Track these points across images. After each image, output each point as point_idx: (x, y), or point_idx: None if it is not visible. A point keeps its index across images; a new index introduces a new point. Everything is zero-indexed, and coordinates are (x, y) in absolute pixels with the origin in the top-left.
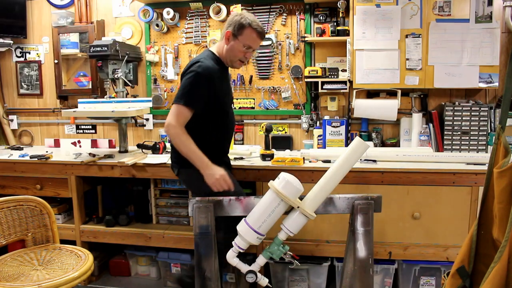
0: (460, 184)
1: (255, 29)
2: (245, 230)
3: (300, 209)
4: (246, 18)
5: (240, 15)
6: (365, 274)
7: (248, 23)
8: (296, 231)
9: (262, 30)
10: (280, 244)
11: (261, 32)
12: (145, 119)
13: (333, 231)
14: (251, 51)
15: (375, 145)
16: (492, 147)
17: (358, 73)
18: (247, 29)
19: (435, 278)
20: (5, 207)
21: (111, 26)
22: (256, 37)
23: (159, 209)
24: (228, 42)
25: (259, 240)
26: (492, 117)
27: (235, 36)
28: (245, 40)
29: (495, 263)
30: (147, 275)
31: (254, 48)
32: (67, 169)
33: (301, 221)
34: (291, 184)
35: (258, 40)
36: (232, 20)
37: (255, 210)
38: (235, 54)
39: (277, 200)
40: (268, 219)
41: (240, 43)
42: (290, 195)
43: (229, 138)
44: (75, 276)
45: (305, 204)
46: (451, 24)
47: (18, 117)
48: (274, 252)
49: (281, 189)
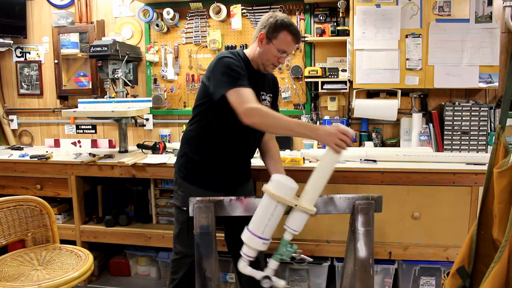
0: (460, 184)
1: (290, 32)
2: (249, 238)
3: (298, 207)
4: (282, 20)
5: (275, 17)
6: (365, 274)
7: (284, 25)
8: (299, 228)
9: (298, 33)
10: (287, 245)
11: (297, 35)
12: (145, 119)
13: (333, 231)
14: (285, 56)
15: (375, 145)
16: (492, 147)
17: (358, 73)
18: (282, 32)
19: (435, 278)
20: (5, 207)
21: (111, 26)
22: (291, 41)
23: (159, 209)
24: (262, 45)
25: (265, 245)
26: (492, 117)
27: (269, 39)
28: (279, 44)
29: (495, 263)
30: (147, 275)
31: (288, 52)
32: (67, 169)
33: (302, 218)
34: (282, 183)
35: (293, 44)
36: (267, 22)
37: (254, 216)
38: (269, 58)
39: (274, 203)
40: (270, 222)
41: (274, 47)
42: (285, 195)
43: (237, 154)
44: (75, 276)
45: (302, 201)
46: (451, 24)
47: (18, 117)
48: (283, 253)
49: (274, 191)
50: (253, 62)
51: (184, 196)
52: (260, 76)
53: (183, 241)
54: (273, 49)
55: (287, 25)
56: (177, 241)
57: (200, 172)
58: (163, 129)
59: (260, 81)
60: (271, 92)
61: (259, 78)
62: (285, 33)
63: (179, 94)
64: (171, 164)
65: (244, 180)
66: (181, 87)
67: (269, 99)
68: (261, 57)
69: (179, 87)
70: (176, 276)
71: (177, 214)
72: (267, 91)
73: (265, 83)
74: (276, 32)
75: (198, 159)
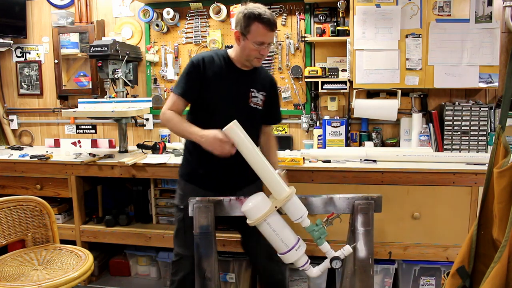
0: (460, 184)
1: (261, 22)
2: (287, 258)
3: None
4: (251, 12)
5: (243, 11)
6: (365, 274)
7: (252, 17)
8: (301, 212)
9: (269, 21)
10: (312, 227)
11: (268, 23)
12: (145, 119)
13: (333, 231)
14: (264, 47)
15: (375, 145)
16: (492, 147)
17: (358, 73)
18: (253, 25)
19: (435, 278)
20: (5, 207)
21: (111, 26)
22: (265, 31)
23: (159, 209)
24: (240, 43)
25: (301, 249)
26: (492, 117)
27: (243, 35)
28: (254, 38)
29: (495, 263)
30: (147, 275)
31: (266, 42)
32: (67, 169)
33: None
34: (251, 208)
35: (268, 33)
36: (238, 19)
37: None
38: (249, 53)
39: (264, 224)
40: (280, 236)
41: (250, 42)
42: (261, 212)
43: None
44: (75, 276)
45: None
46: (451, 24)
47: (18, 117)
48: (317, 235)
49: (254, 218)
50: (237, 60)
51: (181, 194)
52: (248, 74)
53: (180, 241)
54: (250, 44)
55: (256, 16)
56: (175, 241)
57: (194, 170)
58: (163, 129)
59: (248, 79)
60: (265, 91)
61: (245, 76)
62: (256, 24)
63: None
64: (171, 164)
65: (247, 182)
66: None
67: (262, 97)
68: (243, 54)
69: None
70: (175, 278)
71: (175, 213)
72: (260, 89)
73: (257, 81)
74: (248, 27)
75: (192, 157)
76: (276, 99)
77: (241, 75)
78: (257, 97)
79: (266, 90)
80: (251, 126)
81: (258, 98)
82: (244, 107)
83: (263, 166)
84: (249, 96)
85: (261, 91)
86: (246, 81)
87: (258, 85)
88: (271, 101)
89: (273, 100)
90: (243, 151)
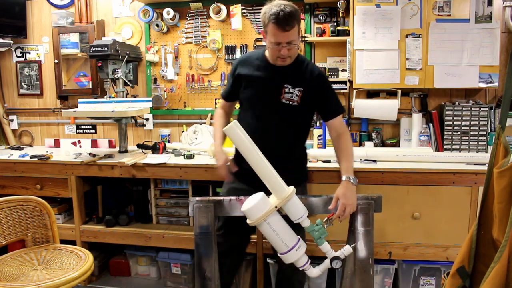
0: (460, 184)
1: (275, 23)
2: (287, 258)
3: (278, 207)
4: (268, 13)
5: (264, 10)
6: (365, 274)
7: (269, 18)
8: (301, 212)
9: (281, 22)
10: (312, 227)
11: (280, 24)
12: (145, 119)
13: (333, 231)
14: (282, 47)
15: (375, 145)
16: (492, 147)
17: (358, 73)
18: (269, 26)
19: (435, 278)
20: (5, 207)
21: (111, 26)
22: (278, 31)
23: (159, 209)
24: (266, 42)
25: (300, 249)
26: (492, 117)
27: (265, 35)
28: (270, 38)
29: (495, 263)
30: (147, 275)
31: (281, 42)
32: (67, 169)
33: (293, 205)
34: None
35: (281, 34)
36: (261, 19)
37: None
38: (271, 53)
39: (264, 224)
40: (280, 236)
41: (268, 42)
42: (261, 212)
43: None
44: (75, 276)
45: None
46: (451, 24)
47: (18, 117)
48: (317, 235)
49: (254, 218)
50: (269, 57)
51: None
52: (283, 70)
53: None
54: (269, 43)
55: (271, 18)
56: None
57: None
58: (163, 129)
59: (282, 75)
60: (303, 86)
61: (279, 72)
62: (271, 25)
63: (179, 94)
64: (171, 164)
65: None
66: (181, 87)
67: (298, 93)
68: (268, 53)
69: (179, 87)
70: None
71: None
72: (295, 84)
73: (293, 76)
74: (266, 27)
75: None
76: (325, 93)
77: (274, 71)
78: (291, 93)
79: (304, 85)
80: (281, 121)
81: (293, 94)
82: (275, 103)
83: (263, 166)
84: (281, 92)
85: (297, 87)
86: (280, 77)
87: (294, 80)
88: (319, 96)
89: (320, 94)
90: (243, 151)
